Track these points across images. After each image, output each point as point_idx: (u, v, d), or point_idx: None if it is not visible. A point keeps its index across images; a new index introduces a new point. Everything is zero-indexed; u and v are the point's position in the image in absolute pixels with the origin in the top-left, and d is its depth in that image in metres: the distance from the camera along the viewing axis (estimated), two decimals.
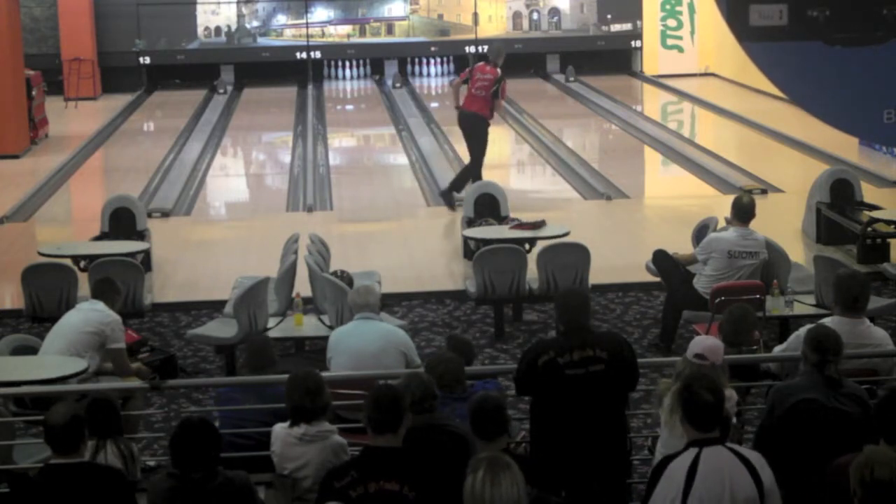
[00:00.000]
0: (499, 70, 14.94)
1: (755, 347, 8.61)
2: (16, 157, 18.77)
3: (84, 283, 10.22)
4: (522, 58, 26.33)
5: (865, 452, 4.87)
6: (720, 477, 5.03)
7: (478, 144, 15.02)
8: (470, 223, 12.41)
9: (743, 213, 9.97)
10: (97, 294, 8.54)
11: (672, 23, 26.25)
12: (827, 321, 7.23)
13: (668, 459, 5.18)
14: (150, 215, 13.75)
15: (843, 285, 7.33)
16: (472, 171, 14.86)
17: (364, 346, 7.81)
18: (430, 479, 5.33)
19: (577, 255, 10.53)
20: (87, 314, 8.35)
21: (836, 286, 7.38)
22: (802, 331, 7.07)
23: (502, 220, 12.41)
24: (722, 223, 10.68)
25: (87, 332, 8.23)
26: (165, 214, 15.00)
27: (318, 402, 6.15)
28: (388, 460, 5.37)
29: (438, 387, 6.23)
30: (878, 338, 7.31)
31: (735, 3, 8.85)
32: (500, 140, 19.97)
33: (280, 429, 6.24)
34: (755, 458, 5.14)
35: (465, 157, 15.58)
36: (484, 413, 5.56)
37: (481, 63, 15.18)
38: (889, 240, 12.06)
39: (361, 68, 27.00)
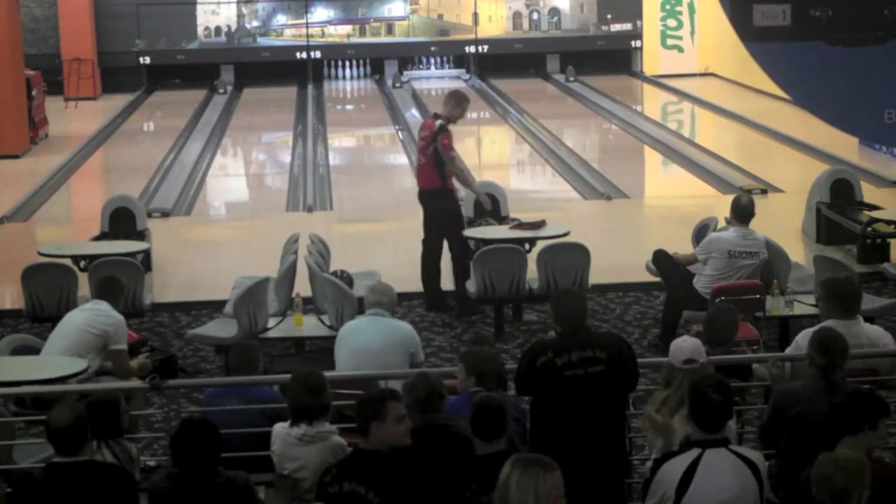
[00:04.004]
0: (438, 122, 11.02)
1: (755, 347, 8.60)
2: (16, 157, 18.76)
3: (84, 283, 10.21)
4: (522, 58, 26.35)
5: (821, 459, 4.84)
6: (718, 481, 5.02)
7: (447, 229, 11.23)
8: (470, 223, 12.39)
9: (743, 213, 9.96)
10: (101, 294, 8.50)
11: (672, 23, 26.24)
12: (824, 325, 7.22)
13: (668, 456, 5.18)
14: (150, 215, 13.73)
15: (832, 290, 7.36)
16: (460, 265, 11.13)
17: (367, 343, 7.81)
18: (399, 486, 5.33)
19: (577, 255, 10.52)
20: (92, 314, 8.33)
21: (827, 291, 7.39)
22: (800, 338, 7.06)
23: (502, 220, 12.39)
24: (722, 223, 10.67)
25: (91, 333, 8.22)
26: (165, 214, 14.99)
27: (318, 402, 6.14)
28: (361, 463, 5.42)
29: (421, 412, 5.93)
30: (876, 336, 7.32)
31: (738, 2, 8.86)
32: (500, 140, 19.98)
33: (280, 428, 6.24)
34: (757, 458, 5.14)
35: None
36: (486, 413, 5.57)
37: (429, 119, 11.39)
38: (889, 240, 12.05)
39: (361, 68, 27.01)
